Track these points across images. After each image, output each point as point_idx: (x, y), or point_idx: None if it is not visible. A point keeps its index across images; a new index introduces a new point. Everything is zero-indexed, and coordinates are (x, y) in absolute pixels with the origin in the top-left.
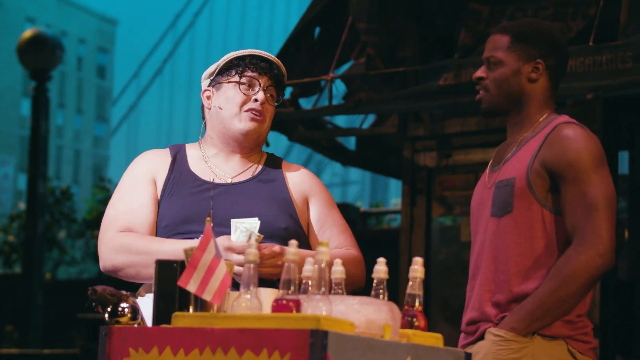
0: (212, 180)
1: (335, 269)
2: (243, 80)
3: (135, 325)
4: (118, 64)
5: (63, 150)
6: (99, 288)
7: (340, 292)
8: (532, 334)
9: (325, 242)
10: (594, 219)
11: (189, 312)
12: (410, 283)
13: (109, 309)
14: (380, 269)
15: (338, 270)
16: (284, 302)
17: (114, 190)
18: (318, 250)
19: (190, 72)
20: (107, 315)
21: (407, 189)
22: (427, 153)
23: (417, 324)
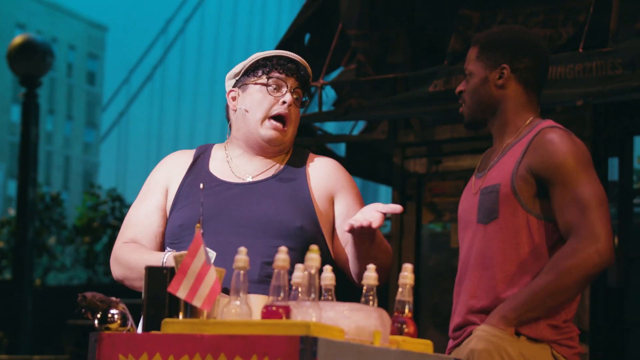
0: (201, 187)
1: (325, 275)
2: (270, 82)
3: (125, 332)
4: (108, 70)
5: (53, 157)
6: (89, 294)
7: (330, 298)
8: (517, 335)
9: (316, 248)
10: (590, 218)
11: (179, 318)
12: (400, 289)
13: (99, 315)
14: (370, 276)
15: (328, 277)
16: (274, 308)
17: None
18: (307, 257)
19: (181, 78)
20: (96, 322)
21: (397, 196)
22: (417, 159)
23: (406, 331)
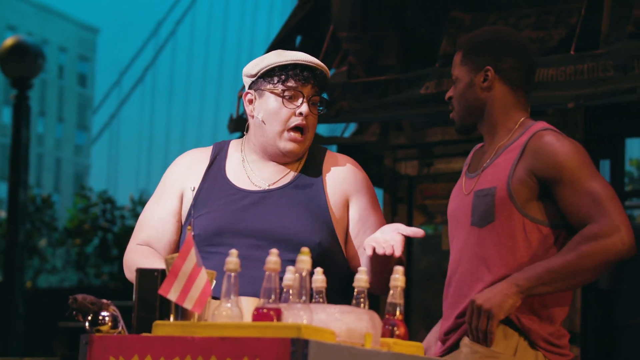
0: (192, 189)
1: (316, 278)
2: (286, 94)
3: (116, 334)
4: (99, 72)
5: (44, 159)
6: (80, 297)
7: (321, 300)
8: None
9: (307, 250)
10: (607, 209)
11: (170, 320)
12: (391, 292)
13: (90, 318)
14: (361, 278)
15: (319, 279)
16: (265, 310)
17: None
18: (298, 259)
19: (172, 80)
20: (87, 324)
21: (388, 198)
22: (408, 162)
23: (398, 333)
